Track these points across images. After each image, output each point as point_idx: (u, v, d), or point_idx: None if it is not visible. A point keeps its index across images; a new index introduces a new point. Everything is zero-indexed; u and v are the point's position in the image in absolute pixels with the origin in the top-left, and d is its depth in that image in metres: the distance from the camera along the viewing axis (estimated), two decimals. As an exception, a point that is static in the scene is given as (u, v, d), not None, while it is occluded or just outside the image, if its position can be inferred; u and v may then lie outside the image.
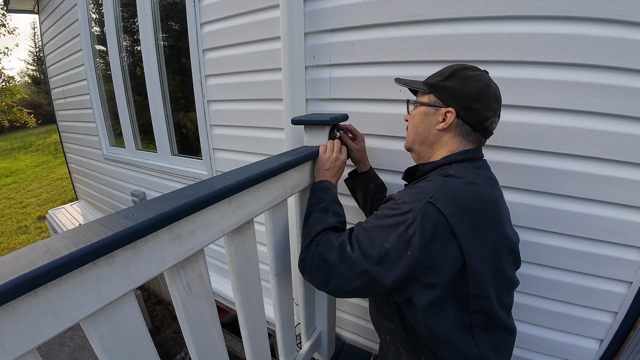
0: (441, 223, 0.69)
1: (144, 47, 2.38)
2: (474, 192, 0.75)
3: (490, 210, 0.76)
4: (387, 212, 0.76)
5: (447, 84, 0.85)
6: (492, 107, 0.82)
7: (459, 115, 0.83)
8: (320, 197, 1.02)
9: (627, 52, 0.94)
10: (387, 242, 0.72)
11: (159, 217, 0.58)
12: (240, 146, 1.94)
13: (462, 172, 0.79)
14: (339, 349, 1.71)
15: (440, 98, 0.87)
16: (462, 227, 0.69)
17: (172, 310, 3.69)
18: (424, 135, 0.91)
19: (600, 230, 1.12)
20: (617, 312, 1.18)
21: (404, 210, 0.72)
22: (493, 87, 0.83)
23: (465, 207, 0.71)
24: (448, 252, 0.69)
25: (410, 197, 0.74)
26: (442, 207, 0.69)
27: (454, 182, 0.76)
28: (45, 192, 9.05)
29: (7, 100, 10.60)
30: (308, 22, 1.41)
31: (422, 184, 0.80)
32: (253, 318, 0.99)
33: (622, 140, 1.02)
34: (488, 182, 0.82)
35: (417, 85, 0.94)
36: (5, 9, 4.46)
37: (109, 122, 3.29)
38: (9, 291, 0.41)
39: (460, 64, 0.87)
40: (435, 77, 0.90)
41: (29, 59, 28.57)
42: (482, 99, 0.81)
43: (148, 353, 0.66)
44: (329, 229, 0.93)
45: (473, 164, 0.84)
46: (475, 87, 0.81)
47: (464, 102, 0.82)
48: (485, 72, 0.85)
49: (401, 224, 0.71)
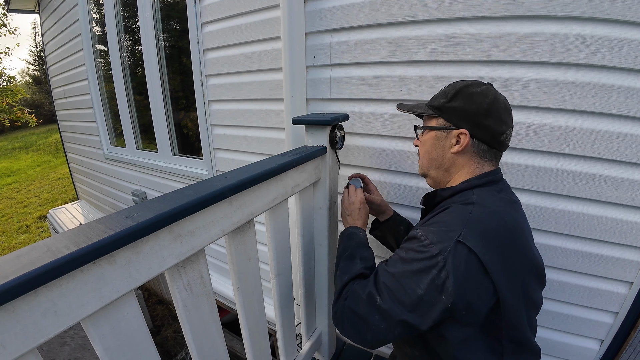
0: (473, 262, 0.66)
1: (144, 47, 2.38)
2: (501, 223, 0.72)
3: (517, 240, 0.73)
4: (414, 256, 0.71)
5: (454, 104, 0.82)
6: (504, 119, 0.79)
7: (473, 134, 0.80)
8: (346, 246, 1.01)
9: (628, 52, 0.94)
10: (419, 288, 0.68)
11: (159, 216, 0.58)
12: (241, 146, 1.94)
13: (484, 199, 0.75)
14: (339, 349, 1.71)
15: (449, 120, 0.83)
16: (494, 265, 0.66)
17: (172, 310, 3.69)
18: (438, 161, 0.87)
19: (601, 230, 1.12)
20: (618, 313, 1.18)
21: (434, 253, 0.67)
22: (501, 99, 0.80)
23: (494, 242, 0.68)
24: (482, 291, 0.67)
25: (437, 237, 0.70)
26: (472, 245, 0.66)
27: (478, 213, 0.72)
28: (46, 191, 9.06)
29: (8, 100, 10.61)
30: (309, 22, 1.41)
31: (445, 216, 0.75)
32: (253, 318, 0.99)
33: (623, 141, 1.01)
34: (511, 207, 0.79)
35: (422, 110, 0.90)
36: (6, 8, 4.47)
37: (109, 121, 3.30)
38: (9, 290, 0.41)
39: (462, 82, 0.84)
40: (439, 99, 0.86)
41: (30, 59, 28.64)
42: (492, 113, 0.78)
43: (148, 352, 0.66)
44: (355, 278, 0.89)
45: (494, 187, 0.81)
46: (484, 103, 0.78)
47: (475, 120, 0.79)
48: (490, 85, 0.82)
49: (432, 268, 0.67)
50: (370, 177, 1.46)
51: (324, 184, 1.22)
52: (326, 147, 1.17)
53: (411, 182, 1.37)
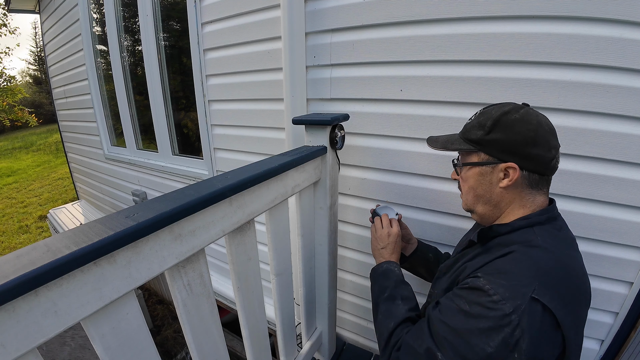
0: (547, 320, 0.62)
1: (144, 47, 2.38)
2: (571, 273, 0.68)
3: (582, 286, 0.71)
4: (482, 312, 0.64)
5: (495, 136, 0.75)
6: (552, 143, 0.73)
7: (522, 167, 0.74)
8: (383, 285, 0.96)
9: (628, 52, 0.94)
10: (489, 347, 0.63)
11: (159, 216, 0.58)
12: (241, 146, 1.94)
13: (549, 241, 0.70)
14: (339, 349, 1.71)
15: (492, 154, 0.77)
16: (565, 318, 0.63)
17: (172, 310, 3.69)
18: (486, 197, 0.81)
19: (601, 230, 1.12)
20: (618, 313, 1.18)
21: (507, 312, 0.61)
22: (544, 121, 0.74)
23: (566, 295, 0.65)
24: (554, 346, 0.64)
25: (508, 292, 0.63)
26: (547, 302, 0.61)
27: (547, 263, 0.67)
28: (47, 191, 9.06)
29: (8, 100, 10.61)
30: (309, 22, 1.41)
31: (512, 265, 0.68)
32: (254, 318, 0.99)
33: (623, 141, 1.01)
34: (573, 248, 0.75)
35: (458, 145, 0.83)
36: (7, 8, 4.47)
37: (110, 121, 3.30)
38: (10, 290, 0.41)
39: (496, 108, 0.78)
40: (475, 131, 0.79)
41: (30, 59, 28.64)
42: (540, 141, 0.72)
43: (149, 352, 0.66)
44: (403, 323, 0.84)
45: (554, 224, 0.76)
46: (529, 131, 0.72)
47: (523, 152, 0.73)
48: (527, 107, 0.76)
49: (505, 327, 0.61)
50: (370, 177, 1.47)
51: (324, 184, 1.22)
52: (326, 147, 1.17)
53: (412, 182, 1.37)
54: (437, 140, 0.91)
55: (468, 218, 1.30)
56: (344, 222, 1.61)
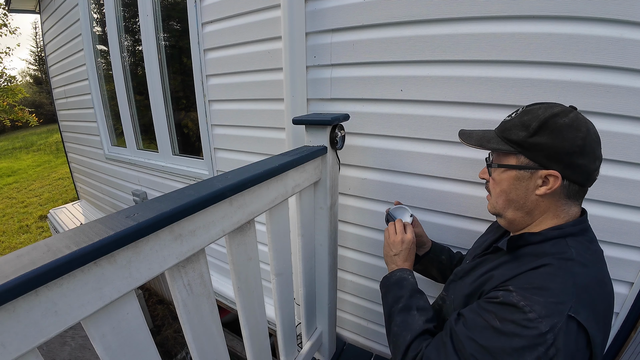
0: (582, 338, 0.60)
1: (145, 47, 2.38)
2: (604, 289, 0.67)
3: (611, 303, 0.69)
4: (516, 330, 0.61)
5: (539, 140, 0.69)
6: (597, 154, 0.69)
7: (565, 176, 0.69)
8: (397, 295, 0.92)
9: (629, 52, 0.94)
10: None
11: (160, 216, 0.58)
12: (241, 146, 1.94)
13: (583, 255, 0.68)
14: (339, 349, 1.71)
15: (534, 159, 0.72)
16: (597, 337, 0.61)
17: (173, 310, 3.69)
18: (519, 203, 0.77)
19: (601, 230, 1.11)
20: (619, 313, 1.18)
21: (543, 331, 0.58)
22: (592, 129, 0.69)
23: (600, 312, 0.64)
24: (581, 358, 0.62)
25: (545, 310, 0.60)
26: (583, 320, 0.59)
27: (585, 277, 0.64)
28: (47, 191, 9.07)
29: (8, 100, 10.62)
30: (309, 22, 1.41)
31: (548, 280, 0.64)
32: (254, 318, 0.99)
33: (623, 141, 1.01)
34: (602, 257, 0.72)
35: (496, 145, 0.77)
36: (7, 8, 4.48)
37: (110, 121, 3.30)
38: (10, 290, 0.41)
39: (544, 109, 0.71)
40: (517, 131, 0.73)
41: (31, 59, 28.67)
42: (587, 150, 0.67)
43: (149, 352, 0.66)
44: (421, 335, 0.81)
45: (586, 236, 0.73)
46: (578, 139, 0.66)
47: (569, 161, 0.68)
48: (575, 111, 0.71)
49: (540, 345, 0.58)
50: (370, 177, 1.47)
51: (324, 184, 1.22)
52: (326, 147, 1.17)
53: (412, 182, 1.37)
54: (471, 135, 0.85)
55: (470, 218, 1.30)
56: (344, 222, 1.61)
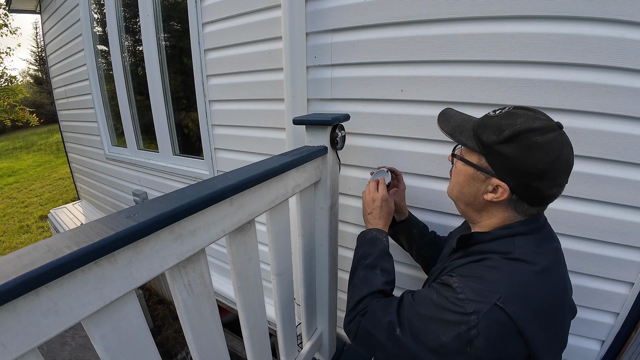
0: (508, 327, 0.62)
1: (145, 47, 2.39)
2: (545, 286, 0.67)
3: (559, 300, 0.69)
4: (446, 305, 0.67)
5: (505, 150, 0.68)
6: (558, 182, 0.67)
7: (515, 192, 0.70)
8: (366, 252, 0.97)
9: (629, 53, 0.94)
10: (444, 336, 0.66)
11: (160, 216, 0.58)
12: (242, 146, 1.94)
13: (529, 253, 0.69)
14: (339, 349, 1.71)
15: (492, 166, 0.71)
16: (531, 331, 0.63)
17: (173, 310, 3.69)
18: (469, 199, 0.79)
19: (602, 231, 1.12)
20: (619, 313, 1.18)
21: (467, 311, 0.64)
22: (565, 155, 0.65)
23: (537, 308, 0.64)
24: (512, 350, 0.64)
25: (475, 295, 0.65)
26: (511, 312, 0.62)
27: (524, 275, 0.66)
28: (47, 191, 9.08)
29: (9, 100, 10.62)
30: (309, 22, 1.41)
31: (487, 272, 0.68)
32: (254, 318, 0.99)
33: (624, 141, 1.01)
34: (555, 259, 0.72)
35: (465, 139, 0.77)
36: (8, 8, 4.48)
37: (110, 121, 3.30)
38: (10, 290, 0.41)
39: (525, 120, 0.67)
40: (490, 133, 0.71)
41: (31, 59, 28.72)
42: (548, 176, 0.66)
43: (149, 352, 0.67)
44: (375, 294, 0.87)
45: (537, 235, 0.73)
46: (541, 163, 0.65)
47: (523, 180, 0.67)
48: (559, 131, 0.67)
49: (462, 324, 0.64)
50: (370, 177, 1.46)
51: (324, 184, 1.22)
52: (327, 147, 1.17)
53: (412, 182, 1.37)
54: (449, 120, 0.84)
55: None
56: (344, 222, 1.61)
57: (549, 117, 0.69)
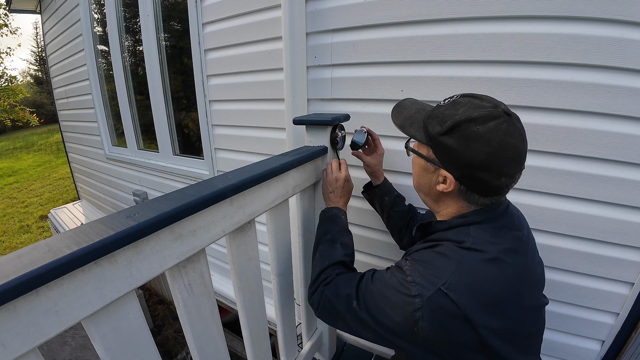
0: (452, 312, 0.63)
1: (145, 47, 2.39)
2: (495, 274, 0.66)
3: (512, 289, 0.68)
4: (396, 286, 0.70)
5: (447, 142, 0.68)
6: (506, 171, 0.66)
7: (461, 182, 0.70)
8: (327, 228, 1.00)
9: (629, 53, 0.94)
10: (394, 315, 0.68)
11: (160, 216, 0.58)
12: (242, 146, 1.94)
13: (482, 242, 0.69)
14: (340, 349, 1.71)
15: (438, 157, 0.72)
16: (477, 316, 0.63)
17: (173, 310, 3.69)
18: (426, 190, 0.81)
19: (602, 231, 1.12)
20: (619, 313, 1.18)
21: (412, 293, 0.66)
22: (511, 144, 0.64)
23: (482, 295, 0.64)
24: (459, 335, 0.65)
25: (421, 278, 0.67)
26: (455, 298, 0.63)
27: (472, 262, 0.66)
28: (48, 191, 9.08)
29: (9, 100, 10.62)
30: (310, 22, 1.41)
31: (437, 258, 0.70)
32: (254, 318, 0.99)
33: (624, 141, 1.01)
34: (513, 245, 0.71)
35: (415, 132, 0.78)
36: (8, 8, 4.48)
37: (111, 121, 3.30)
38: (11, 290, 0.41)
39: (466, 109, 0.67)
40: (435, 125, 0.72)
41: (31, 59, 28.75)
42: (491, 166, 0.65)
43: (149, 352, 0.67)
44: (336, 265, 0.91)
45: (495, 223, 0.72)
46: (481, 154, 0.64)
47: (466, 171, 0.68)
48: (505, 118, 0.65)
49: (408, 305, 0.66)
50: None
51: (324, 184, 1.22)
52: (327, 147, 1.17)
53: (412, 182, 1.36)
54: (402, 113, 0.86)
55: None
56: (344, 223, 1.61)
57: (495, 104, 0.67)
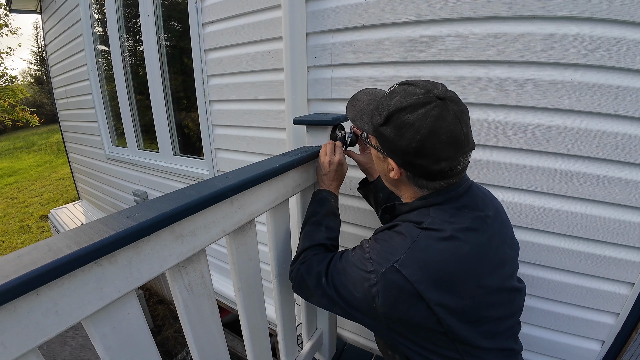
0: (406, 289, 0.65)
1: (146, 47, 2.39)
2: (448, 252, 0.67)
3: (469, 266, 0.68)
4: (356, 262, 0.75)
5: (384, 132, 0.71)
6: (444, 156, 0.67)
7: (405, 169, 0.73)
8: (315, 210, 1.02)
9: (629, 53, 0.94)
10: (355, 291, 0.73)
11: (160, 216, 0.58)
12: (242, 146, 1.94)
13: (439, 222, 0.70)
14: (340, 350, 1.71)
15: (382, 147, 0.76)
16: (430, 293, 0.64)
17: (173, 310, 3.69)
18: (384, 177, 0.84)
19: (602, 231, 1.11)
20: (619, 314, 1.18)
21: (368, 269, 0.70)
22: (444, 128, 0.65)
23: (436, 272, 0.65)
24: (415, 312, 0.66)
25: (377, 256, 0.70)
26: (407, 274, 0.65)
27: (426, 240, 0.68)
28: (48, 191, 9.08)
29: (10, 100, 10.62)
30: (310, 23, 1.41)
31: (394, 237, 0.72)
32: (254, 318, 0.99)
33: (624, 141, 1.01)
34: (472, 224, 0.71)
35: (364, 124, 0.81)
36: (8, 9, 4.48)
37: (111, 122, 3.30)
38: (11, 290, 0.41)
39: (400, 98, 0.69)
40: (377, 115, 0.75)
41: (32, 59, 28.75)
42: (425, 152, 0.67)
43: (149, 352, 0.67)
44: (317, 246, 0.94)
45: (455, 203, 0.73)
46: (414, 141, 0.66)
47: (406, 159, 0.70)
48: (434, 103, 0.65)
49: (365, 281, 0.70)
50: (371, 177, 1.46)
51: (324, 184, 1.22)
52: (327, 147, 1.17)
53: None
54: (355, 105, 0.87)
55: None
56: (344, 222, 1.61)
57: (427, 90, 0.68)
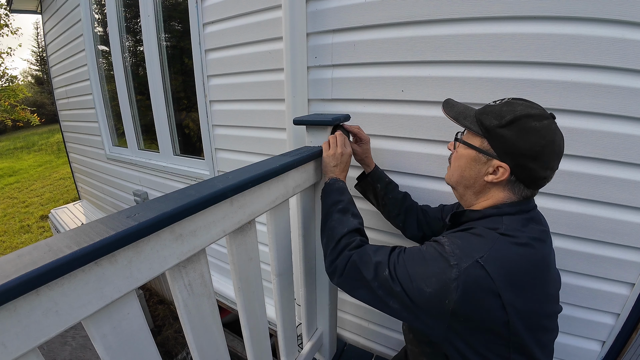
0: (486, 286, 0.66)
1: (146, 47, 2.39)
2: (525, 255, 0.71)
3: (539, 273, 0.73)
4: (434, 256, 0.73)
5: (505, 133, 0.74)
6: (551, 165, 0.74)
7: (513, 172, 0.75)
8: (337, 199, 1.02)
9: (630, 53, 0.94)
10: (427, 285, 0.71)
11: (161, 216, 0.58)
12: (242, 146, 1.94)
13: (513, 229, 0.74)
14: (340, 350, 1.71)
15: (493, 147, 0.77)
16: (507, 292, 0.67)
17: (173, 310, 3.69)
18: (470, 182, 0.84)
19: (602, 231, 1.11)
20: (620, 314, 1.18)
21: (451, 263, 0.69)
22: (557, 141, 0.73)
23: (515, 272, 0.69)
24: (487, 311, 0.67)
25: (460, 250, 0.71)
26: (490, 270, 0.66)
27: (505, 243, 0.71)
28: (48, 191, 9.09)
29: (10, 100, 10.63)
30: (310, 23, 1.41)
31: (473, 237, 0.74)
32: (254, 318, 0.99)
33: (624, 141, 1.01)
34: (540, 238, 0.76)
35: (469, 124, 0.82)
36: (9, 9, 4.49)
37: (111, 122, 3.31)
38: (11, 290, 0.41)
39: (524, 106, 0.75)
40: (491, 118, 0.77)
41: (32, 59, 28.81)
42: (542, 158, 0.72)
43: (149, 352, 0.67)
44: (353, 231, 0.93)
45: (524, 215, 0.78)
46: (537, 146, 0.71)
47: (520, 161, 0.74)
48: (552, 120, 0.74)
49: (444, 275, 0.69)
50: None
51: (325, 185, 1.22)
52: (327, 147, 1.17)
53: (413, 182, 1.37)
54: (454, 107, 0.89)
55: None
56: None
57: (543, 108, 0.76)
